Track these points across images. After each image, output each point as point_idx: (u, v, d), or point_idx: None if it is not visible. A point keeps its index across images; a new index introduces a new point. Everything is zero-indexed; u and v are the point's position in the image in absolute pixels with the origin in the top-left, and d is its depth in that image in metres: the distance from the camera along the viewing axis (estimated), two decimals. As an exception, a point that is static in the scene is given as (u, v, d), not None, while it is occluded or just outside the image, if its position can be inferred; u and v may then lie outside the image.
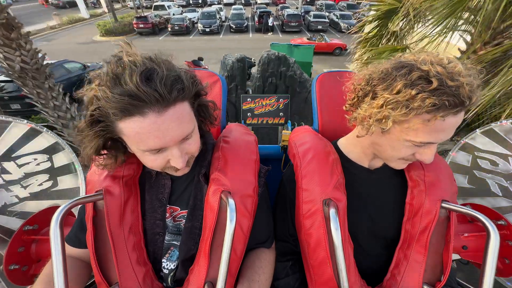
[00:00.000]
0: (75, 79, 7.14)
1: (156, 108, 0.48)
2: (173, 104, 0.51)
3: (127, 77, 0.46)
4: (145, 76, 0.47)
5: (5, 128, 1.13)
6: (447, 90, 0.50)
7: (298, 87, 3.73)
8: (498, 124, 1.16)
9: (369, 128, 0.62)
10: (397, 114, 0.54)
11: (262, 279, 0.68)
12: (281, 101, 1.33)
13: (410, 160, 0.65)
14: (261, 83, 3.75)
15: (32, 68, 2.75)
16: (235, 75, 3.73)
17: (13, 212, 1.14)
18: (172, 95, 0.49)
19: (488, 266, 0.56)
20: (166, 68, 0.51)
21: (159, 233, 0.70)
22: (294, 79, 3.67)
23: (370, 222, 0.75)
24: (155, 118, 0.48)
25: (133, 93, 0.45)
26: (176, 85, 0.50)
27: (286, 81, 3.71)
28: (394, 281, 0.69)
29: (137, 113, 0.48)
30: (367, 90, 0.62)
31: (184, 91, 0.52)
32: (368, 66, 0.66)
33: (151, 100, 0.47)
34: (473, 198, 1.21)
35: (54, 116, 3.15)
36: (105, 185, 0.64)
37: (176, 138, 0.54)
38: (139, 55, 0.52)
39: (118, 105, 0.46)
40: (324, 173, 0.69)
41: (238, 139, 0.78)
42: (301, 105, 3.81)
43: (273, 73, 3.71)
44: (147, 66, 0.48)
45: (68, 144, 1.23)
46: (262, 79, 3.73)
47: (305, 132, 0.88)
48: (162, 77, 0.48)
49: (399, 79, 0.55)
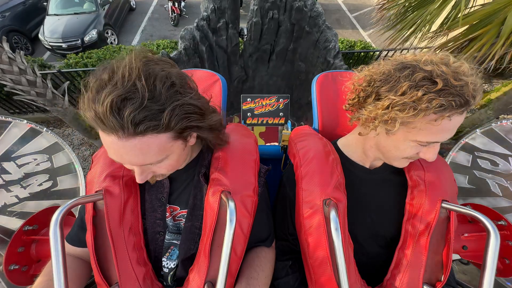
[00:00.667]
0: (20, 8, 5.63)
1: (117, 134, 0.47)
2: (140, 135, 0.48)
3: (103, 96, 0.45)
4: (119, 100, 0.45)
5: (5, 128, 1.13)
6: (452, 90, 0.51)
7: (308, 25, 2.62)
8: (498, 124, 1.16)
9: (374, 129, 0.62)
10: (405, 116, 0.54)
11: (261, 276, 0.68)
12: (281, 101, 1.33)
13: (413, 158, 0.65)
14: (258, 18, 2.65)
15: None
16: (224, 7, 2.58)
17: (13, 212, 1.14)
18: (137, 129, 0.47)
19: (488, 266, 0.56)
20: (152, 97, 0.47)
21: (159, 232, 0.71)
22: (304, 13, 2.56)
23: (370, 222, 0.75)
24: (116, 140, 0.48)
25: (99, 114, 0.46)
26: (148, 120, 0.47)
27: (292, 16, 2.62)
28: (394, 281, 0.69)
29: (100, 129, 0.49)
30: (368, 91, 0.62)
31: (158, 128, 0.49)
32: (369, 67, 0.66)
33: (111, 128, 0.46)
34: (473, 198, 1.21)
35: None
36: (105, 185, 0.64)
37: (135, 164, 0.54)
38: (138, 71, 0.47)
39: (90, 116, 0.47)
40: (324, 173, 0.69)
41: (238, 139, 0.78)
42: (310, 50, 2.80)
43: (275, 4, 2.57)
44: (130, 90, 0.46)
45: (68, 144, 1.23)
46: (260, 13, 2.63)
47: (305, 132, 0.88)
48: (135, 108, 0.45)
49: (403, 80, 0.55)
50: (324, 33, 2.60)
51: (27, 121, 1.17)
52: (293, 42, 2.86)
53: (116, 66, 0.49)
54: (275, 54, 3.00)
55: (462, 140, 1.24)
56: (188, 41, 2.58)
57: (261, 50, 2.97)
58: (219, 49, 2.85)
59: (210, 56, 2.83)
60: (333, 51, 2.58)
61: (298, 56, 2.98)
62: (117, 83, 0.46)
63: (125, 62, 0.49)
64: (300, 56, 2.96)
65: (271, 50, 3.00)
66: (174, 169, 0.63)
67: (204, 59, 2.77)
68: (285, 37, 2.81)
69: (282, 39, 2.84)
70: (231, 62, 3.05)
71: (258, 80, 3.31)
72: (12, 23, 5.37)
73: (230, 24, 2.71)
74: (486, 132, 1.19)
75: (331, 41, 2.59)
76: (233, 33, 2.79)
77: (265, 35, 2.81)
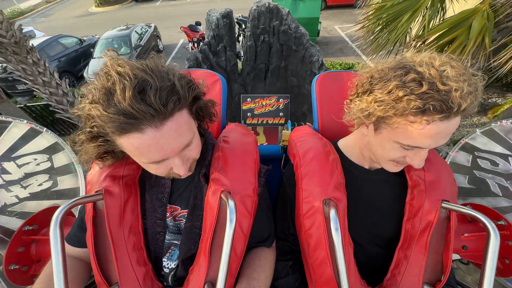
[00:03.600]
0: (73, 55, 7.16)
1: (153, 123, 0.47)
2: (171, 116, 0.49)
3: (120, 94, 0.44)
4: (138, 90, 0.45)
5: (5, 128, 1.13)
6: (434, 95, 0.50)
7: (294, 44, 3.07)
8: (498, 124, 1.16)
9: (358, 121, 0.65)
10: (382, 113, 0.56)
11: (261, 277, 0.68)
12: (281, 101, 1.33)
13: (402, 163, 0.65)
14: (252, 42, 3.14)
15: (10, 42, 2.65)
16: (222, 34, 3.09)
17: (13, 212, 1.14)
18: (168, 108, 0.47)
19: (488, 266, 0.55)
20: (159, 78, 0.48)
21: (159, 233, 0.71)
22: (289, 35, 3.04)
23: (370, 222, 0.75)
24: (153, 133, 0.47)
25: (127, 112, 0.44)
26: (171, 96, 0.48)
27: (280, 38, 3.11)
28: (394, 281, 0.69)
29: (134, 130, 0.46)
30: (365, 87, 0.63)
31: (181, 101, 0.50)
32: (371, 64, 0.66)
33: (146, 117, 0.45)
34: (473, 198, 1.21)
35: (46, 93, 3.11)
36: (105, 185, 0.64)
37: (177, 149, 0.53)
38: (128, 64, 0.48)
39: (114, 124, 0.45)
40: (324, 173, 0.69)
41: (238, 139, 0.78)
42: (298, 65, 3.22)
43: (265, 29, 3.08)
44: (139, 78, 0.46)
45: (68, 144, 1.23)
46: (253, 37, 3.11)
47: (305, 132, 0.88)
48: (156, 90, 0.46)
49: (393, 80, 0.55)
50: (309, 49, 3.03)
51: (27, 121, 1.17)
52: (283, 60, 3.31)
53: (107, 73, 0.48)
54: (269, 72, 3.45)
55: (462, 140, 1.24)
56: (192, 61, 3.08)
57: (257, 69, 3.43)
58: (219, 68, 3.30)
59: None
60: (317, 63, 2.96)
61: (290, 72, 3.41)
62: (121, 80, 0.45)
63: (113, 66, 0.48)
64: (291, 72, 3.38)
65: (265, 69, 3.45)
66: (199, 154, 0.63)
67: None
68: (277, 56, 3.28)
69: (274, 58, 3.31)
70: (231, 79, 3.48)
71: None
72: (65, 66, 6.91)
73: (227, 48, 3.24)
74: (486, 132, 1.18)
75: (314, 55, 2.98)
76: (231, 54, 3.29)
77: (259, 56, 3.31)
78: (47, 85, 3.08)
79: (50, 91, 3.09)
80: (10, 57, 2.76)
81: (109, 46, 6.96)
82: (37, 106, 4.34)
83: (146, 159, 0.52)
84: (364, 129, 0.68)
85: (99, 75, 0.49)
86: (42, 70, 3.02)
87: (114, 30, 7.59)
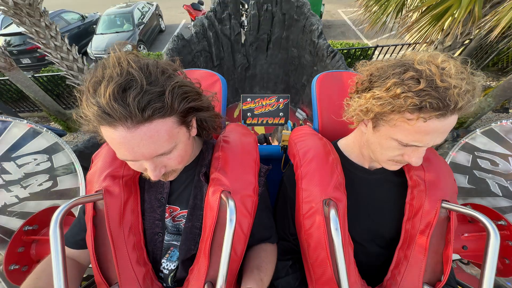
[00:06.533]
0: (75, 31, 7.17)
1: (126, 124, 0.47)
2: (148, 121, 0.48)
3: (102, 88, 0.45)
4: (122, 88, 0.45)
5: (5, 128, 1.13)
6: (432, 92, 0.50)
7: (296, 14, 3.16)
8: (498, 124, 1.16)
9: (357, 118, 0.65)
10: (380, 109, 0.57)
11: (268, 268, 0.69)
12: (281, 101, 1.33)
13: (400, 161, 0.65)
14: (256, 11, 3.25)
15: (25, 3, 2.73)
16: (227, 1, 3.21)
17: (13, 212, 1.14)
18: (145, 113, 0.46)
19: (488, 266, 0.55)
20: (150, 82, 0.48)
21: (158, 233, 0.70)
22: (291, 3, 3.13)
23: (370, 222, 0.75)
24: (124, 133, 0.47)
25: (102, 107, 0.45)
26: (154, 102, 0.47)
27: (283, 7, 3.21)
28: (394, 281, 0.69)
29: (107, 125, 0.47)
30: (365, 85, 0.63)
31: (164, 109, 0.49)
32: (371, 63, 0.67)
33: (119, 117, 0.45)
34: (473, 198, 1.21)
35: (57, 58, 3.23)
36: (105, 185, 0.64)
37: (148, 155, 0.52)
38: (131, 60, 0.49)
39: (93, 113, 0.46)
40: (324, 173, 0.69)
41: (238, 139, 0.78)
42: (299, 35, 3.29)
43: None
44: (128, 77, 0.46)
45: (67, 144, 1.23)
46: (256, 7, 3.24)
47: (305, 132, 0.88)
48: (138, 93, 0.45)
49: (392, 77, 0.56)
50: (309, 19, 3.08)
51: (27, 121, 1.17)
52: (285, 30, 3.41)
53: (106, 63, 0.49)
54: (271, 42, 3.55)
55: (462, 140, 1.25)
56: (198, 27, 3.22)
57: (260, 39, 3.53)
58: (224, 36, 3.42)
59: (216, 42, 3.42)
60: (317, 32, 3.01)
61: (291, 43, 3.47)
62: (112, 75, 0.46)
63: (113, 58, 0.49)
64: (292, 42, 3.46)
65: (268, 39, 3.54)
66: (183, 162, 0.62)
67: (211, 44, 3.41)
68: (279, 27, 3.39)
69: (276, 29, 3.41)
70: (234, 49, 3.60)
71: (259, 69, 3.87)
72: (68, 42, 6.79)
73: (232, 15, 3.33)
74: (486, 132, 1.19)
75: (314, 24, 3.03)
76: (235, 23, 3.37)
77: (262, 25, 3.40)
78: (58, 49, 3.18)
79: (61, 55, 3.21)
80: (24, 18, 2.84)
81: (112, 22, 7.08)
82: (44, 77, 4.32)
83: (117, 155, 0.53)
84: (363, 127, 0.68)
85: (103, 62, 0.50)
86: (54, 34, 3.12)
87: (114, 8, 7.47)
